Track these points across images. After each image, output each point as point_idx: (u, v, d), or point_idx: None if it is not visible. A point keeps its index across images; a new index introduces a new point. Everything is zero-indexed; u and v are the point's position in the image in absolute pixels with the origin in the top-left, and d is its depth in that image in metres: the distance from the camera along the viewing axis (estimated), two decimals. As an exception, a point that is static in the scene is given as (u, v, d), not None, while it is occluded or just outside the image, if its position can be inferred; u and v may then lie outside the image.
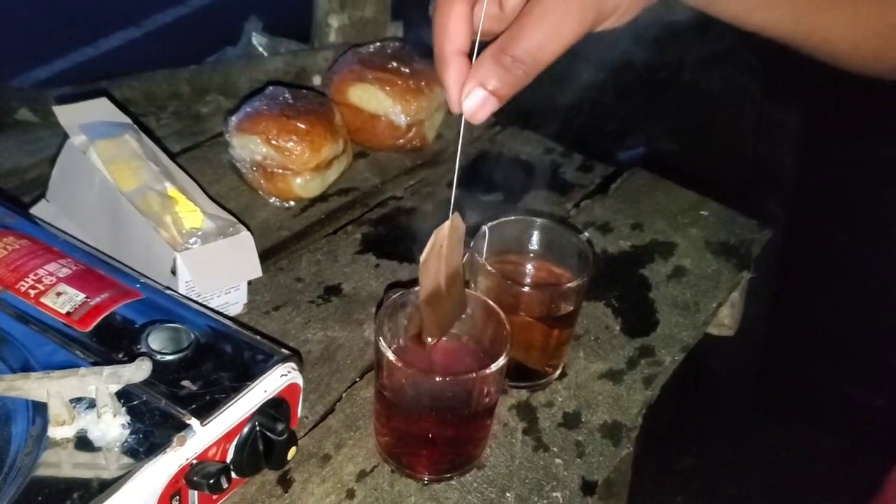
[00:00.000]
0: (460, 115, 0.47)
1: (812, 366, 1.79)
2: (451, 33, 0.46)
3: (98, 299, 0.60)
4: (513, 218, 0.68)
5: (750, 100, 1.98)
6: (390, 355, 0.56)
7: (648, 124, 1.95)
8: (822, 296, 1.79)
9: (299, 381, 0.59)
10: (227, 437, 0.54)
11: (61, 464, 0.50)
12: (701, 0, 0.51)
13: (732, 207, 0.91)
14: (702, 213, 0.89)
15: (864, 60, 0.56)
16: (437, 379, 0.57)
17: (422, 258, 0.55)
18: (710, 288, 0.80)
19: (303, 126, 0.82)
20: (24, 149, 0.93)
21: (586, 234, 0.85)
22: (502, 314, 0.60)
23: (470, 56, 0.47)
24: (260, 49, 1.06)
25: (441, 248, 0.55)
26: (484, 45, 0.47)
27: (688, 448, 1.79)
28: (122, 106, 0.89)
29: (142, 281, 0.64)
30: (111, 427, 0.52)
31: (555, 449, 0.64)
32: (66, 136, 0.74)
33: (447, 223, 0.54)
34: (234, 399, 0.55)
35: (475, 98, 0.45)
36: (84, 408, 0.52)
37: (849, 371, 1.76)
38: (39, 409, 0.52)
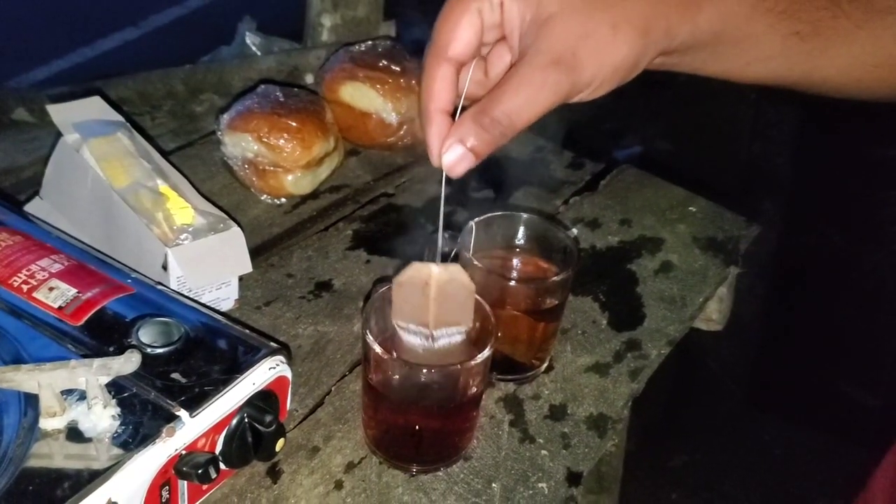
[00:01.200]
0: (440, 168, 0.50)
1: (806, 364, 1.80)
2: (436, 93, 0.49)
3: (90, 294, 0.61)
4: (500, 213, 0.69)
5: (746, 100, 1.98)
6: (377, 348, 0.57)
7: (644, 124, 1.96)
8: (816, 294, 1.79)
9: (287, 373, 0.60)
10: (216, 428, 0.55)
11: (52, 454, 0.51)
12: (693, 64, 0.52)
13: (728, 206, 0.92)
14: (690, 209, 0.90)
15: (867, 91, 0.56)
16: (423, 371, 0.58)
17: (397, 280, 0.56)
18: (697, 283, 0.81)
19: (294, 124, 0.83)
20: (21, 148, 0.94)
21: (575, 229, 0.86)
22: (488, 307, 0.61)
23: (453, 116, 0.50)
24: (253, 48, 1.07)
25: (426, 286, 0.56)
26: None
27: (683, 445, 1.80)
28: (117, 105, 0.90)
29: (133, 276, 0.65)
30: (101, 418, 0.52)
31: (541, 440, 0.65)
32: (61, 136, 0.75)
33: (435, 269, 0.56)
34: (223, 391, 0.56)
35: (454, 153, 0.49)
36: (75, 399, 0.53)
37: (843, 369, 1.76)
38: (31, 400, 0.53)
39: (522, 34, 0.48)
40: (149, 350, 0.57)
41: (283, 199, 0.86)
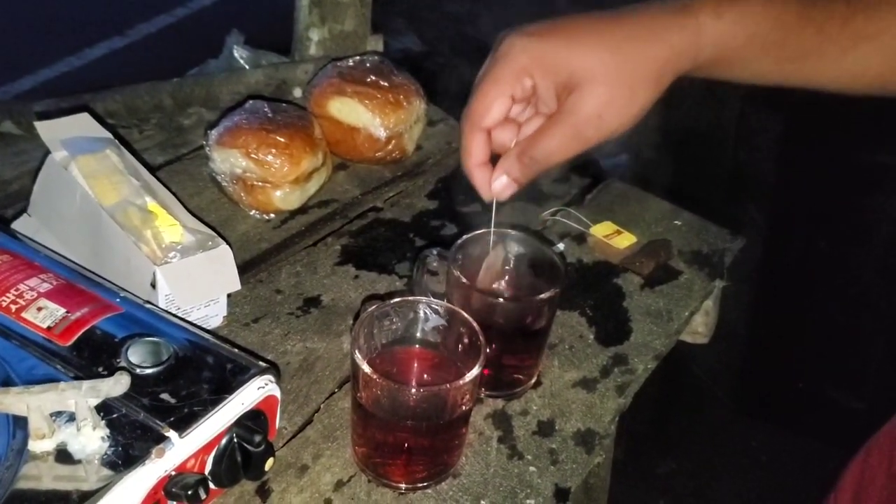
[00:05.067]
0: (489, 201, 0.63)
1: (793, 369, 1.81)
2: (474, 153, 0.60)
3: (78, 314, 0.61)
4: (487, 230, 0.70)
5: (730, 106, 1.99)
6: (366, 368, 0.57)
7: (629, 132, 1.96)
8: (802, 300, 1.80)
9: (276, 393, 0.60)
10: (206, 448, 0.56)
11: (42, 476, 0.51)
12: (691, 74, 0.59)
13: (713, 213, 0.93)
14: (675, 222, 0.91)
15: (862, 92, 0.61)
16: (412, 390, 0.58)
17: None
18: (683, 297, 0.82)
19: (282, 139, 0.83)
20: (8, 161, 0.93)
21: (561, 245, 0.86)
22: (476, 325, 0.61)
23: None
24: (241, 62, 1.07)
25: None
26: None
27: (670, 451, 1.81)
28: (105, 119, 0.90)
29: (122, 295, 0.65)
30: (91, 440, 0.53)
31: (529, 457, 0.66)
32: (48, 151, 0.75)
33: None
34: (212, 411, 0.56)
35: (501, 182, 0.61)
36: (64, 421, 0.54)
37: (829, 374, 1.78)
38: (20, 422, 0.53)
39: (557, 95, 0.58)
40: (138, 370, 0.58)
41: (272, 215, 0.86)
